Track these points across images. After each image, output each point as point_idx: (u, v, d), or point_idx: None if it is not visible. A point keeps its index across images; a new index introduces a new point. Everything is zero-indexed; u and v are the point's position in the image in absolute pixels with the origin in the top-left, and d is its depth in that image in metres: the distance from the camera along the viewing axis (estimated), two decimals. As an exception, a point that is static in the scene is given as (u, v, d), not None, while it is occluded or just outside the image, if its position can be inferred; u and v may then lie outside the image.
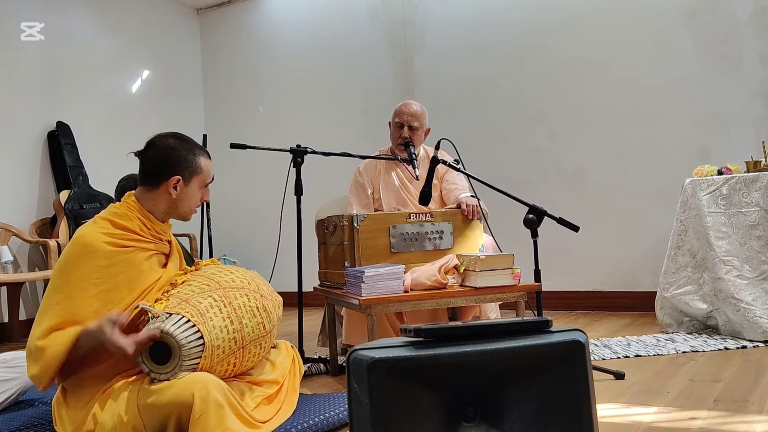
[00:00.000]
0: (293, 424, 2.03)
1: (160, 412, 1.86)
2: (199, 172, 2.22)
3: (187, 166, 2.18)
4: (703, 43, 4.26)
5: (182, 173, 2.17)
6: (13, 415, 2.39)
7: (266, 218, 5.57)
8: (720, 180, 3.48)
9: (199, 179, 2.22)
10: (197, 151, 2.22)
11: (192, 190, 2.21)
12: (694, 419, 2.10)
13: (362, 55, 5.57)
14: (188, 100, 6.31)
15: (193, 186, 2.21)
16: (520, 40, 4.87)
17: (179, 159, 2.17)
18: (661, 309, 3.61)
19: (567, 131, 4.71)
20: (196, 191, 2.23)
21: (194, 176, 2.20)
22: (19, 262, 4.77)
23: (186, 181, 2.18)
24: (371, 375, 1.08)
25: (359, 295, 2.63)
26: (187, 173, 2.18)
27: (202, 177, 2.23)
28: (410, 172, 3.35)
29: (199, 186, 2.23)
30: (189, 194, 2.21)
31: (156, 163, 2.17)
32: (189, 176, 2.19)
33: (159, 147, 2.19)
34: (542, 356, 1.14)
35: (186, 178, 2.18)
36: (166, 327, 1.91)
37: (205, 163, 2.24)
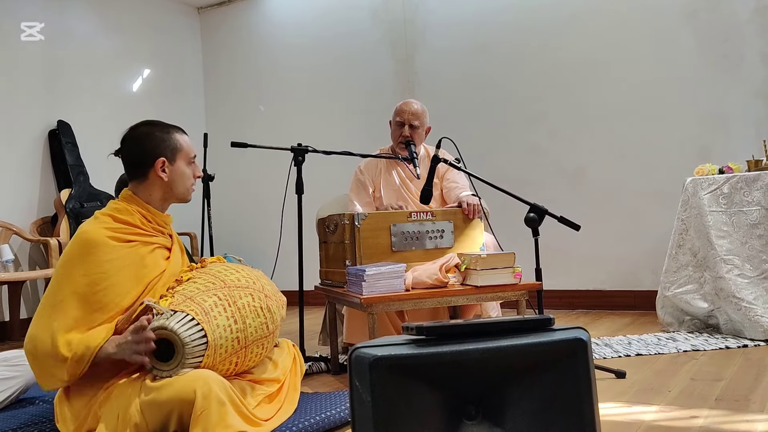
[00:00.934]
0: (294, 422, 2.04)
1: (161, 409, 1.86)
2: (181, 148, 2.23)
3: (166, 147, 2.20)
4: (704, 43, 4.26)
5: (165, 153, 2.18)
6: (15, 413, 2.40)
7: (267, 217, 5.58)
8: (721, 179, 3.48)
9: (182, 156, 2.23)
10: (171, 130, 2.24)
11: (180, 168, 2.22)
12: (696, 418, 2.10)
13: (363, 54, 5.57)
14: (189, 98, 6.31)
15: (179, 164, 2.22)
16: (521, 40, 4.87)
17: (157, 142, 2.19)
18: (662, 308, 3.61)
19: (567, 131, 4.71)
20: (185, 169, 2.24)
21: (177, 153, 2.21)
22: (19, 261, 4.77)
23: (171, 160, 2.20)
24: (373, 373, 1.08)
25: (360, 293, 2.63)
26: (169, 152, 2.19)
27: (185, 153, 2.24)
28: (411, 170, 3.35)
29: (185, 163, 2.24)
30: (179, 173, 2.22)
31: (136, 153, 2.19)
32: (172, 155, 2.20)
33: (134, 137, 2.21)
34: (544, 354, 1.14)
35: (170, 158, 2.19)
36: (170, 324, 1.91)
37: (182, 139, 2.25)
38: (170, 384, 1.87)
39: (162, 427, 1.88)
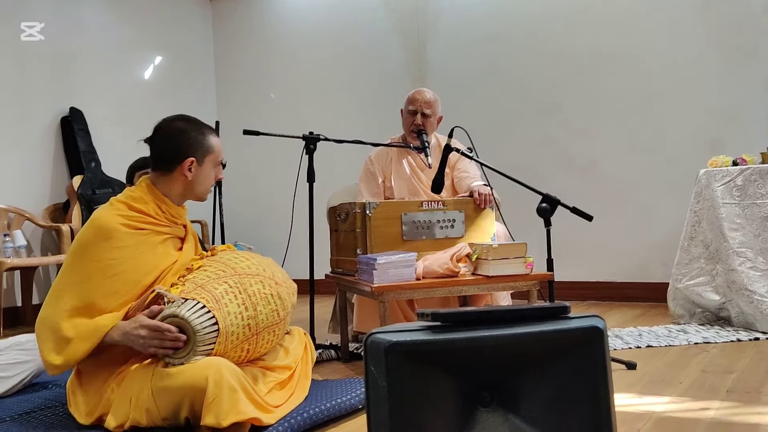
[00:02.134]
0: (305, 409, 2.04)
1: (173, 396, 1.87)
2: (212, 151, 2.22)
3: (199, 147, 2.19)
4: (717, 34, 4.21)
5: (195, 154, 2.18)
6: (28, 397, 2.42)
7: (278, 205, 5.57)
8: (735, 171, 3.46)
9: (211, 158, 2.23)
10: (206, 131, 2.23)
11: (206, 170, 2.22)
12: (707, 410, 2.10)
13: (374, 43, 5.55)
14: (200, 87, 6.31)
15: (206, 166, 2.22)
16: (533, 30, 4.84)
17: (191, 141, 2.18)
18: (674, 300, 3.60)
19: (579, 122, 4.68)
20: (210, 171, 2.24)
21: (207, 156, 2.21)
22: (32, 247, 4.80)
23: (200, 162, 2.19)
24: (389, 358, 1.07)
25: (371, 282, 2.63)
26: (199, 154, 2.19)
27: (214, 156, 2.24)
28: (422, 160, 3.34)
29: (212, 165, 2.24)
30: (204, 174, 2.22)
31: (168, 147, 2.18)
32: (202, 157, 2.20)
33: (168, 131, 2.20)
34: (560, 342, 1.13)
35: (199, 159, 2.19)
36: (182, 312, 1.92)
37: (215, 142, 2.25)
38: (182, 371, 1.88)
39: (174, 413, 1.89)
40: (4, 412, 2.21)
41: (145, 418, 1.90)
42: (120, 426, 1.92)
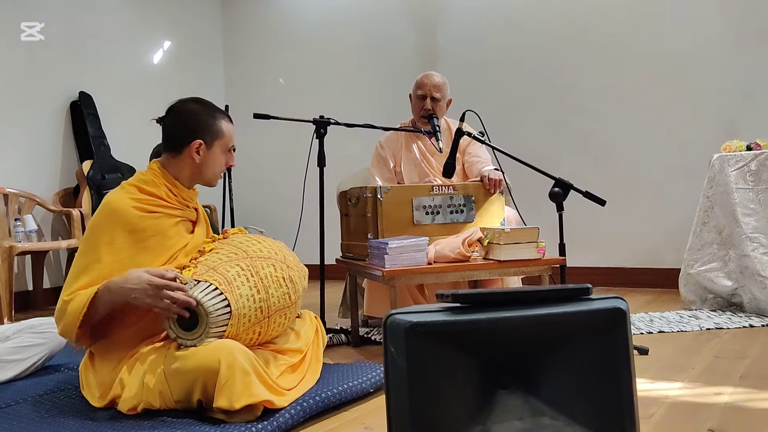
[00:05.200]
0: (317, 392, 2.04)
1: (186, 378, 1.88)
2: (221, 136, 2.21)
3: (208, 130, 2.18)
4: (733, 16, 4.16)
5: (204, 137, 2.17)
6: (41, 379, 2.43)
7: (288, 190, 5.55)
8: (749, 156, 3.42)
9: (221, 143, 2.21)
10: (218, 115, 2.22)
11: (215, 154, 2.21)
12: (720, 395, 2.09)
13: (385, 27, 5.51)
14: (209, 71, 6.29)
15: (215, 150, 2.20)
16: (545, 14, 4.79)
17: (200, 123, 2.17)
18: (685, 286, 3.57)
19: (592, 106, 4.64)
20: (220, 156, 2.22)
21: (216, 140, 2.20)
22: (42, 231, 4.81)
23: (208, 145, 2.18)
24: (409, 339, 1.06)
25: (383, 266, 2.62)
26: (209, 137, 2.18)
27: (224, 141, 2.22)
28: (433, 144, 3.32)
29: (222, 150, 2.22)
30: (212, 159, 2.20)
31: (177, 128, 2.17)
32: (211, 140, 2.18)
33: (180, 112, 2.19)
34: (582, 323, 1.12)
35: (208, 143, 2.18)
36: (194, 294, 1.92)
37: (226, 127, 2.23)
38: (195, 353, 1.88)
39: (186, 395, 1.90)
40: (17, 395, 2.23)
41: (158, 401, 1.90)
42: (133, 408, 1.93)
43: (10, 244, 4.17)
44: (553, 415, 1.09)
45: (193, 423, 1.84)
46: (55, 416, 2.00)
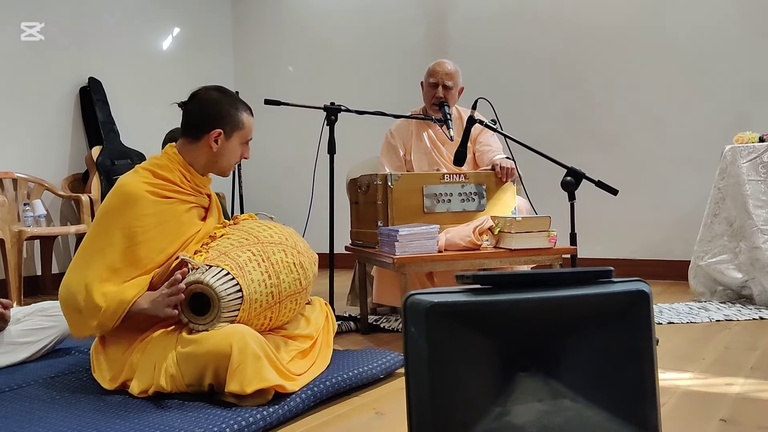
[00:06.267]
0: (328, 377, 2.04)
1: (198, 362, 1.88)
2: (241, 127, 2.21)
3: (229, 121, 2.18)
4: (746, 6, 4.12)
5: (224, 127, 2.17)
6: (52, 362, 2.44)
7: (298, 177, 5.54)
8: (761, 147, 3.40)
9: (240, 135, 2.21)
10: (240, 106, 2.22)
11: (233, 145, 2.21)
12: (731, 385, 2.08)
13: (395, 15, 5.48)
14: (218, 57, 6.28)
15: (233, 141, 2.20)
16: (556, 3, 4.76)
17: (222, 112, 2.17)
18: (695, 277, 3.56)
19: (602, 96, 4.61)
20: (237, 147, 2.23)
21: (235, 131, 2.20)
22: (51, 217, 4.83)
23: (227, 135, 2.18)
24: (429, 319, 1.06)
25: (393, 254, 2.61)
26: (228, 127, 2.18)
27: (243, 133, 2.22)
28: (444, 132, 3.30)
29: (239, 142, 2.23)
30: (230, 149, 2.20)
31: (198, 114, 2.17)
32: (230, 131, 2.18)
33: (202, 99, 2.19)
34: (604, 306, 1.11)
35: (227, 133, 2.18)
36: (206, 279, 1.92)
37: (247, 119, 2.23)
38: (207, 338, 1.88)
39: (198, 379, 1.90)
40: (28, 377, 2.23)
41: (169, 384, 1.91)
42: (144, 392, 1.93)
43: (19, 229, 4.18)
44: (573, 397, 1.09)
45: (204, 406, 1.84)
46: (66, 398, 2.01)
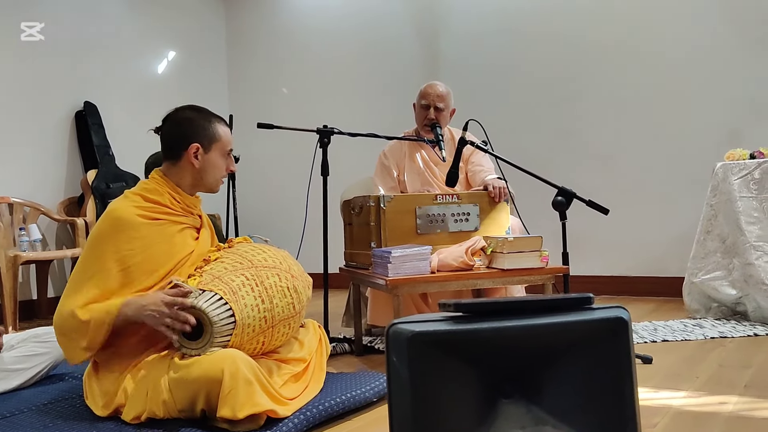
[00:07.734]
0: (321, 401, 2.04)
1: (189, 387, 1.88)
2: (218, 138, 2.23)
3: (204, 134, 2.20)
4: (738, 25, 4.16)
5: (201, 141, 2.19)
6: (45, 388, 2.43)
7: (291, 199, 5.57)
8: (752, 164, 3.42)
9: (218, 146, 2.23)
10: (213, 119, 2.25)
11: (214, 158, 2.23)
12: (725, 404, 2.08)
13: (388, 36, 5.53)
14: (213, 80, 6.32)
15: (214, 154, 2.23)
16: (548, 22, 4.80)
17: (196, 128, 2.20)
18: (689, 294, 3.57)
19: (595, 114, 4.64)
20: (219, 160, 2.24)
21: (213, 143, 2.22)
22: (47, 241, 4.83)
23: (206, 149, 2.20)
24: (411, 348, 1.07)
25: (386, 275, 2.62)
26: (205, 141, 2.20)
27: (221, 144, 2.24)
28: (436, 153, 3.33)
29: (220, 154, 2.25)
30: (212, 163, 2.22)
31: (174, 135, 2.20)
32: (208, 144, 2.21)
33: (176, 119, 2.23)
34: (584, 333, 1.12)
35: (205, 146, 2.20)
36: (199, 303, 1.92)
37: (222, 131, 2.25)
38: (198, 363, 1.88)
39: (190, 405, 1.90)
40: (21, 404, 2.23)
41: (162, 410, 1.90)
42: (137, 418, 1.93)
43: (14, 254, 4.18)
44: (556, 424, 1.09)
45: (197, 432, 1.84)
46: (59, 425, 2.00)
